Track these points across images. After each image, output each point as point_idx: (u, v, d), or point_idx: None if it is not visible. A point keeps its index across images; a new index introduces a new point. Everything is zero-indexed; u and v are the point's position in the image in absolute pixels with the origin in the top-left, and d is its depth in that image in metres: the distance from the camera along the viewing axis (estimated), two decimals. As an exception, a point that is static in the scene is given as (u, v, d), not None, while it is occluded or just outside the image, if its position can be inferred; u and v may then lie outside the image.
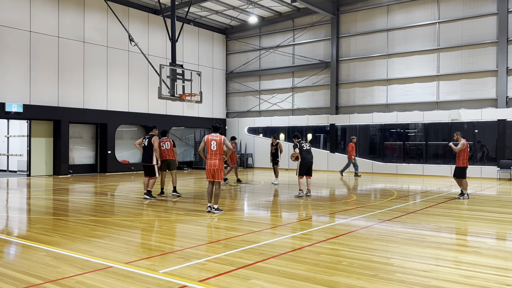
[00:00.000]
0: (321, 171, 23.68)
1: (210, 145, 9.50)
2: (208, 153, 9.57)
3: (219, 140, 9.51)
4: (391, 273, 5.18)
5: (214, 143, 9.49)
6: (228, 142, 9.59)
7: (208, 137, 9.58)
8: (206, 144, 9.53)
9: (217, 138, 9.53)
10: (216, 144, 9.48)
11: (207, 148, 9.55)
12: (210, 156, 9.53)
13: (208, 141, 9.53)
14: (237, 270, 5.25)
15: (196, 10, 24.64)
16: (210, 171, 9.56)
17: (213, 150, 9.49)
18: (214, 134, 9.60)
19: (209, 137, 9.57)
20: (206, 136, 9.59)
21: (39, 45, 19.50)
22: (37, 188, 15.21)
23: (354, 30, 23.73)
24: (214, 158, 9.49)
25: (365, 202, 11.69)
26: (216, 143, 9.49)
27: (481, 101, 20.14)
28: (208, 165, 9.53)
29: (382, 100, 22.85)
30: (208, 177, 9.61)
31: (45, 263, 5.55)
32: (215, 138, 9.53)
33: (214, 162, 9.50)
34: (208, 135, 9.62)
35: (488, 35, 19.97)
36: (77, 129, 21.85)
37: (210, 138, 9.55)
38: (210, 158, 9.53)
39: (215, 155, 9.50)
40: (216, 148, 9.47)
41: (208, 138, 9.55)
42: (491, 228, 8.29)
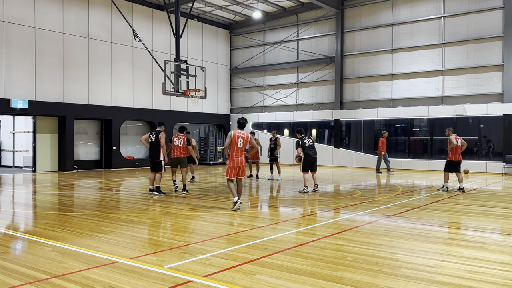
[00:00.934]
0: (326, 166, 23.65)
1: (237, 142, 9.13)
2: (234, 150, 9.18)
3: (246, 137, 9.23)
4: (396, 269, 5.17)
5: (241, 141, 9.15)
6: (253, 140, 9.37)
7: (235, 133, 9.17)
8: (232, 140, 9.11)
9: (244, 135, 9.23)
10: (243, 142, 9.18)
11: (232, 145, 9.14)
12: (236, 153, 9.16)
13: (234, 137, 9.13)
14: (241, 265, 5.26)
15: (200, 5, 24.60)
16: (236, 168, 9.19)
17: (239, 148, 9.15)
18: (240, 131, 9.26)
19: (236, 134, 9.17)
20: (233, 132, 9.16)
21: (43, 41, 19.55)
22: (43, 184, 15.29)
23: (359, 25, 23.62)
24: (240, 155, 9.17)
25: (369, 197, 11.67)
26: (243, 140, 9.18)
27: (487, 96, 20.03)
28: (235, 162, 9.13)
29: (387, 95, 22.76)
30: (233, 174, 9.23)
31: (51, 258, 5.59)
32: (242, 135, 9.20)
33: (242, 159, 9.19)
34: (234, 131, 9.21)
35: (494, 29, 19.83)
36: (82, 125, 21.93)
37: (237, 134, 9.17)
38: (236, 155, 9.16)
39: (241, 152, 9.19)
40: (243, 145, 9.17)
41: (235, 135, 9.15)
42: (496, 223, 8.26)
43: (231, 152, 9.15)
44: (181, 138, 12.02)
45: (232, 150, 9.16)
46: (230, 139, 9.13)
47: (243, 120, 9.32)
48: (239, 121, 9.31)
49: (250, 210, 9.91)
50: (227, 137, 9.16)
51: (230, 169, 9.20)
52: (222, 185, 14.88)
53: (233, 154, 9.15)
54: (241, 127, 9.32)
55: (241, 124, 9.31)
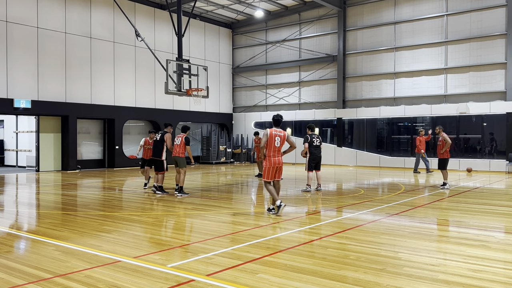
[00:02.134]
0: (329, 165, 23.63)
1: (274, 140, 8.48)
2: (271, 150, 8.52)
3: (283, 135, 8.59)
4: (399, 267, 5.17)
5: (278, 139, 8.52)
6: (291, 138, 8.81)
7: (272, 131, 8.51)
8: (269, 139, 8.45)
9: (281, 133, 8.59)
10: (280, 140, 8.54)
11: (270, 144, 8.48)
12: (274, 153, 8.54)
13: (272, 136, 8.47)
14: (244, 264, 5.27)
15: (202, 4, 24.60)
16: (273, 169, 8.59)
17: (276, 147, 8.52)
18: (277, 129, 8.61)
19: (273, 132, 8.52)
20: (269, 131, 8.50)
21: (46, 41, 19.59)
22: (46, 183, 15.34)
23: (361, 23, 23.58)
24: (278, 155, 8.57)
25: (372, 196, 11.66)
26: (280, 139, 8.55)
27: (490, 94, 19.97)
28: (273, 163, 8.52)
29: (390, 93, 22.72)
30: (271, 176, 8.61)
31: (54, 257, 5.61)
32: (279, 134, 8.56)
33: (279, 160, 8.60)
34: (271, 129, 8.56)
35: (497, 27, 19.76)
36: (85, 124, 21.97)
37: (274, 133, 8.52)
38: (274, 155, 8.54)
39: (279, 151, 8.60)
40: (280, 144, 8.54)
41: (272, 133, 8.49)
42: (499, 221, 8.24)
43: (268, 151, 8.54)
44: (180, 137, 11.54)
45: (269, 150, 8.53)
46: (266, 138, 8.48)
47: (278, 117, 8.73)
48: (275, 118, 8.74)
49: (252, 209, 9.90)
50: (263, 135, 8.55)
51: (267, 170, 8.58)
52: (224, 184, 14.90)
53: (270, 154, 8.54)
54: (277, 124, 8.70)
55: (277, 121, 8.71)
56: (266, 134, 8.50)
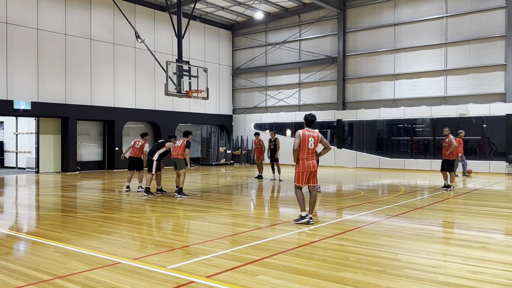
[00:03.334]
0: (328, 166, 23.63)
1: (307, 142, 7.79)
2: (304, 152, 7.81)
3: (317, 136, 7.91)
4: (399, 269, 5.17)
5: (311, 140, 7.83)
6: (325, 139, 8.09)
7: (304, 132, 7.82)
8: (302, 140, 7.76)
9: (315, 133, 7.91)
10: (314, 141, 7.86)
11: (303, 146, 7.77)
12: (307, 155, 7.83)
13: (305, 137, 7.78)
14: (244, 266, 5.26)
15: (202, 6, 24.63)
16: (306, 173, 7.85)
17: (310, 149, 7.82)
18: (310, 129, 7.93)
19: (306, 133, 7.82)
20: (301, 132, 7.82)
21: (46, 42, 19.60)
22: (46, 185, 15.33)
23: (361, 25, 23.61)
24: (312, 158, 7.86)
25: (372, 197, 11.65)
26: (314, 140, 7.86)
27: (490, 96, 19.98)
28: (306, 166, 7.80)
29: (389, 95, 22.73)
30: (303, 181, 7.87)
31: (54, 259, 5.60)
32: (312, 134, 7.87)
33: (313, 163, 7.88)
34: (303, 130, 7.87)
35: (497, 29, 19.78)
36: (85, 126, 21.97)
37: (307, 133, 7.83)
38: (307, 158, 7.83)
39: (313, 154, 7.89)
40: (314, 146, 7.86)
41: (305, 134, 7.80)
42: (499, 223, 8.24)
43: (301, 154, 7.82)
44: (181, 139, 11.73)
45: (301, 152, 7.82)
46: (299, 139, 7.78)
47: (312, 117, 8.01)
48: (308, 118, 8.01)
49: (251, 211, 9.90)
50: (296, 137, 7.83)
51: (299, 174, 7.85)
52: (224, 186, 14.89)
53: (303, 157, 7.82)
54: (309, 124, 7.99)
55: (310, 122, 7.99)
56: (298, 135, 7.81)
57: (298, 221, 7.84)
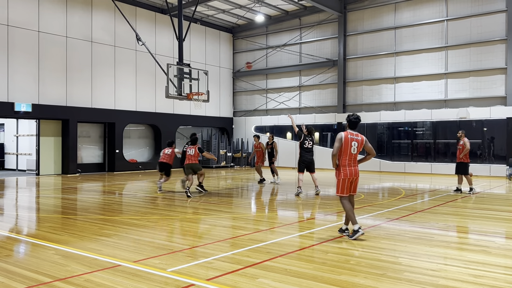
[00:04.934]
0: (329, 169, 23.61)
1: (350, 146, 6.95)
2: (345, 157, 6.96)
3: (361, 140, 7.06)
4: (399, 272, 5.16)
5: (355, 144, 6.98)
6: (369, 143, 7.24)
7: (347, 135, 6.98)
8: (344, 145, 6.92)
9: (359, 137, 7.06)
10: (357, 146, 7.00)
11: (345, 151, 6.93)
12: (349, 161, 6.98)
13: (347, 141, 6.93)
14: (244, 269, 5.26)
15: (203, 9, 24.67)
16: (349, 181, 7.00)
17: (352, 154, 6.98)
18: (353, 132, 7.07)
19: (348, 136, 6.98)
20: (343, 134, 6.99)
21: (47, 45, 19.63)
22: (46, 187, 15.33)
23: (362, 28, 23.64)
24: (354, 164, 7.04)
25: (372, 200, 11.64)
26: (357, 144, 7.01)
27: (490, 99, 19.98)
28: (349, 173, 6.95)
29: (390, 98, 22.74)
30: (346, 190, 7.00)
31: (54, 261, 5.60)
32: (356, 138, 7.02)
33: (356, 170, 7.02)
34: (345, 132, 7.03)
35: (497, 33, 19.80)
36: (85, 128, 21.99)
37: (350, 137, 6.98)
38: (349, 164, 6.97)
39: (355, 160, 7.06)
40: (357, 151, 7.01)
41: (347, 137, 6.95)
42: (500, 227, 8.23)
43: (342, 160, 6.96)
44: (193, 148, 12.84)
45: (343, 158, 6.96)
46: (340, 143, 6.94)
47: (356, 119, 7.12)
48: (352, 120, 7.12)
49: (252, 213, 9.90)
50: (336, 140, 6.99)
51: (342, 183, 6.99)
52: (224, 189, 14.88)
53: (345, 163, 6.96)
54: (353, 126, 7.14)
55: (354, 123, 7.12)
56: (340, 138, 6.96)
57: (353, 236, 6.84)
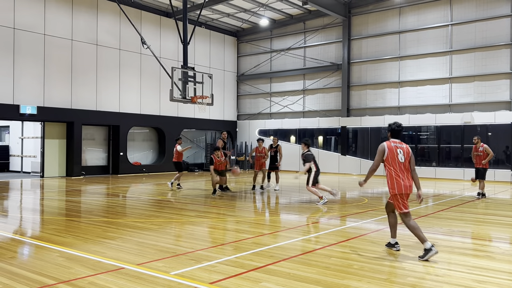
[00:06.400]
0: (332, 173, 23.59)
1: (396, 154, 6.21)
2: (396, 168, 6.19)
3: (406, 148, 6.32)
4: (403, 277, 5.15)
5: (401, 153, 6.23)
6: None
7: (390, 144, 6.29)
8: (390, 154, 6.20)
9: (404, 146, 6.34)
10: (403, 154, 6.24)
11: (392, 160, 6.20)
12: (401, 172, 6.18)
13: (392, 149, 6.22)
14: (247, 272, 5.26)
15: (207, 13, 24.76)
16: (402, 196, 6.16)
17: (401, 163, 6.19)
18: (397, 140, 6.38)
19: (392, 145, 6.29)
20: (386, 144, 6.30)
21: (53, 48, 19.75)
22: (50, 189, 15.39)
23: (366, 32, 23.65)
24: (408, 176, 6.21)
25: (376, 205, 11.62)
26: (403, 152, 6.25)
27: (495, 104, 19.92)
28: (397, 188, 6.13)
29: (394, 102, 22.72)
30: (405, 204, 6.19)
31: (58, 263, 5.62)
32: (401, 146, 6.31)
33: (409, 184, 6.18)
34: (388, 142, 6.36)
35: (502, 37, 19.76)
36: (90, 131, 22.06)
37: (394, 145, 6.29)
38: (400, 176, 6.16)
39: (407, 171, 6.22)
40: (405, 159, 6.22)
41: (391, 146, 6.27)
42: (504, 232, 8.20)
43: (393, 171, 6.19)
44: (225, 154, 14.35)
45: (392, 169, 6.21)
46: (382, 155, 6.27)
47: (398, 127, 6.47)
48: (395, 129, 6.46)
49: (255, 217, 9.91)
50: (378, 152, 6.30)
51: (397, 198, 6.16)
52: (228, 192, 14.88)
53: (397, 175, 6.17)
54: (396, 135, 6.45)
55: (397, 132, 6.45)
56: (382, 150, 6.27)
57: (425, 257, 5.88)
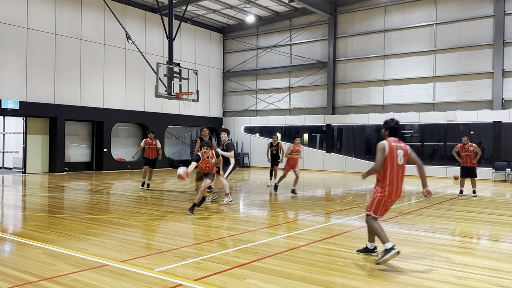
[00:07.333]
0: (317, 171, 23.71)
1: (396, 156, 5.69)
2: (393, 171, 5.69)
3: (405, 148, 5.81)
4: (386, 274, 5.21)
5: (401, 153, 5.73)
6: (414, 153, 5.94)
7: (390, 143, 5.72)
8: (390, 155, 5.66)
9: (402, 145, 5.82)
10: (403, 155, 5.75)
11: (391, 162, 5.66)
12: (397, 176, 5.71)
13: (392, 150, 5.67)
14: (232, 269, 5.26)
15: (193, 8, 24.61)
16: (389, 203, 5.83)
17: (399, 165, 5.71)
18: (395, 139, 5.82)
19: (392, 144, 5.72)
20: (387, 143, 5.72)
21: (36, 42, 19.43)
22: (33, 186, 15.17)
23: (352, 31, 23.77)
24: (401, 180, 5.78)
25: (360, 202, 11.72)
26: (403, 152, 5.76)
27: (477, 103, 20.23)
28: (388, 194, 5.69)
29: (379, 100, 22.91)
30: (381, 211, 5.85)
31: (40, 260, 5.55)
32: (400, 146, 5.78)
33: (400, 190, 5.78)
34: (388, 140, 5.77)
35: (485, 37, 20.06)
36: (73, 126, 21.79)
37: (394, 144, 5.73)
38: (395, 181, 5.70)
39: (402, 174, 5.78)
40: (403, 161, 5.76)
41: (391, 146, 5.70)
42: (485, 229, 8.34)
43: (389, 174, 5.67)
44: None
45: (389, 172, 5.68)
46: (384, 154, 5.67)
47: (397, 124, 5.88)
48: (394, 126, 5.85)
49: (241, 214, 9.91)
50: (378, 151, 5.71)
51: (378, 202, 5.77)
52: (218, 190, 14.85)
53: (392, 179, 5.68)
54: (395, 133, 5.88)
55: (396, 130, 5.87)
56: (382, 148, 5.69)
57: (383, 258, 5.50)
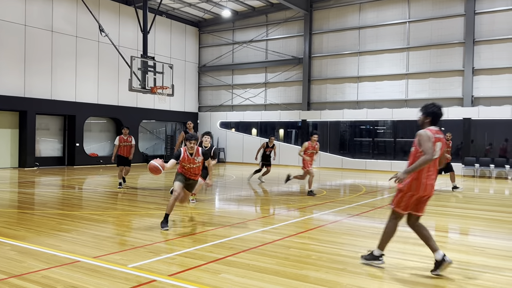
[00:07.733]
0: (293, 166, 23.84)
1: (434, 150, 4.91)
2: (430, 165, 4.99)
3: (444, 141, 5.11)
4: (359, 267, 5.29)
5: (438, 146, 5.02)
6: None
7: (432, 133, 4.96)
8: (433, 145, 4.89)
9: (442, 137, 5.11)
10: (440, 148, 5.05)
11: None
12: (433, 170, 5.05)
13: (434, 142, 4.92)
14: (207, 264, 5.25)
15: (169, 2, 24.32)
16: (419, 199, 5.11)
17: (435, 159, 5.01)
18: (436, 129, 5.09)
19: (435, 136, 4.98)
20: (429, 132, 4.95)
21: (4, 33, 18.85)
22: (1, 181, 14.76)
23: (327, 27, 23.94)
24: (434, 174, 5.08)
25: (334, 197, 11.85)
26: (441, 145, 5.05)
27: (448, 100, 20.69)
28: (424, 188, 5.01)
29: (353, 97, 23.17)
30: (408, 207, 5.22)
31: (9, 257, 5.41)
32: (440, 138, 5.07)
33: (432, 186, 5.09)
34: (429, 129, 5.00)
35: (456, 36, 20.51)
36: (44, 120, 21.29)
37: (437, 136, 5.01)
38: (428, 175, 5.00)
39: (435, 169, 5.09)
40: (440, 154, 5.06)
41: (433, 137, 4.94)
42: (455, 223, 8.56)
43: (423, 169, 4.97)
44: None
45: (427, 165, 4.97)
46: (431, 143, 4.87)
47: (440, 110, 5.12)
48: (437, 112, 5.09)
49: (216, 209, 9.89)
50: (424, 140, 4.90)
51: (406, 197, 5.13)
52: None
53: (424, 173, 4.99)
54: (436, 122, 5.14)
55: (438, 116, 5.11)
56: (428, 137, 4.89)
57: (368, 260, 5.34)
